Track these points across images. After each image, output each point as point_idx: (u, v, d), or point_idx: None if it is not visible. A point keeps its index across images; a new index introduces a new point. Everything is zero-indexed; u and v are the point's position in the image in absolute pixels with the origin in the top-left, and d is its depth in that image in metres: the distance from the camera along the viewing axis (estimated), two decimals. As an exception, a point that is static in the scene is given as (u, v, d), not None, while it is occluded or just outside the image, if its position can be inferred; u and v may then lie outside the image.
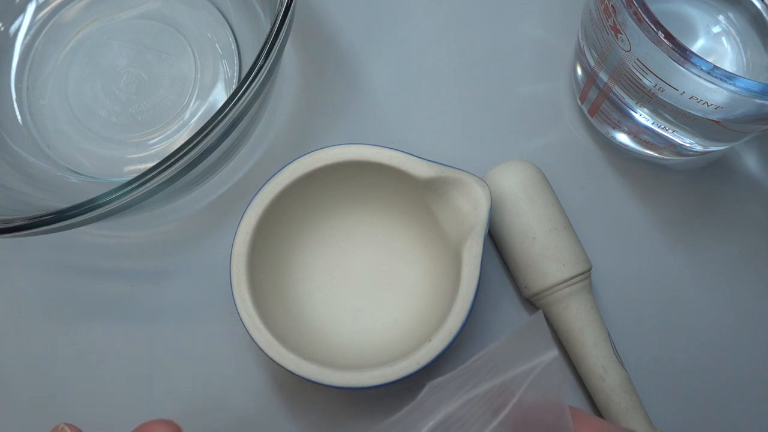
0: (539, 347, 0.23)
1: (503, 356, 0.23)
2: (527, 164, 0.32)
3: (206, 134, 0.26)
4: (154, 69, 0.36)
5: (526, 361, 0.23)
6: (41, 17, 0.37)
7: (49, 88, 0.36)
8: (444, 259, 0.31)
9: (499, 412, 0.22)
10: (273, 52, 0.27)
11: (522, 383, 0.23)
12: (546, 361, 0.23)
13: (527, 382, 0.23)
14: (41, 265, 0.35)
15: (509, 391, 0.23)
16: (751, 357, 0.33)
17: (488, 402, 0.23)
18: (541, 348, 0.23)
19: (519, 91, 0.36)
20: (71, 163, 0.35)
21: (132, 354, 0.34)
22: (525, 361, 0.23)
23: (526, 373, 0.23)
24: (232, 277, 0.29)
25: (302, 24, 0.37)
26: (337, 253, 0.33)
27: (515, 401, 0.22)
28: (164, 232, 0.35)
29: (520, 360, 0.23)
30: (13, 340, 0.34)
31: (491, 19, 0.37)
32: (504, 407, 0.22)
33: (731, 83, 0.23)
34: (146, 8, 0.37)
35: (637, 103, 0.29)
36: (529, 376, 0.23)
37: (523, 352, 0.23)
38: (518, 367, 0.23)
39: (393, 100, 0.36)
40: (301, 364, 0.28)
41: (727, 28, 0.31)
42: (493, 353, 0.24)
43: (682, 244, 0.34)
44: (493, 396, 0.23)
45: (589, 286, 0.32)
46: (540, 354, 0.23)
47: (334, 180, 0.31)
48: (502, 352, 0.23)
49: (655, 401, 0.32)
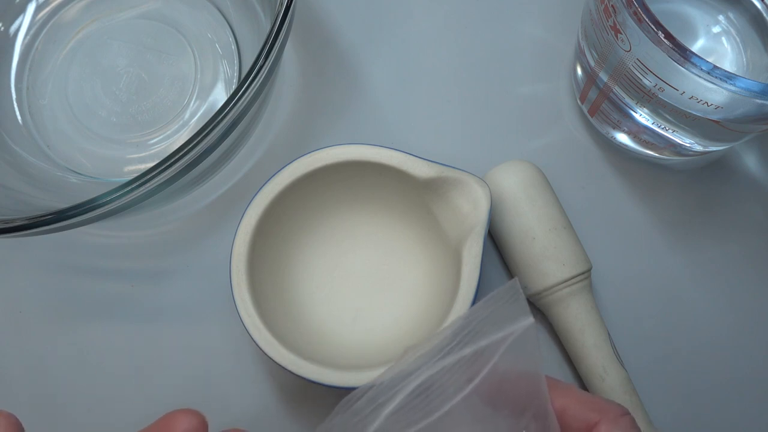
0: (515, 314, 0.23)
1: (480, 322, 0.23)
2: (527, 164, 0.32)
3: (206, 134, 0.26)
4: (154, 69, 0.36)
5: (502, 328, 0.23)
6: (41, 17, 0.37)
7: (49, 88, 0.36)
8: (444, 259, 0.31)
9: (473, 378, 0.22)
10: (273, 52, 0.27)
11: (497, 350, 0.22)
12: (521, 329, 0.23)
13: (502, 349, 0.22)
14: (41, 265, 0.35)
15: (484, 358, 0.22)
16: (751, 357, 0.33)
17: (464, 368, 0.22)
18: (517, 315, 0.23)
19: (519, 91, 0.36)
20: (71, 163, 0.35)
21: (132, 354, 0.34)
22: (501, 328, 0.23)
23: (502, 340, 0.22)
24: (232, 277, 0.29)
25: (302, 24, 0.37)
26: (337, 253, 0.33)
27: (489, 368, 0.22)
28: (164, 232, 0.35)
29: (497, 326, 0.23)
30: (13, 340, 0.34)
31: (491, 19, 0.37)
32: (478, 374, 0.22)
33: (731, 83, 0.23)
34: (146, 8, 0.37)
35: (637, 103, 0.29)
36: (504, 343, 0.22)
37: (500, 319, 0.23)
38: (494, 334, 0.23)
39: (393, 100, 0.36)
40: (301, 364, 0.28)
41: (727, 28, 0.31)
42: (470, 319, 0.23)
43: (682, 244, 0.34)
44: (468, 362, 0.22)
45: (589, 286, 0.32)
46: (516, 321, 0.23)
47: (334, 180, 0.31)
48: (480, 317, 0.23)
49: (655, 401, 0.32)
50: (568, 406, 0.23)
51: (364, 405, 0.23)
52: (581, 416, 0.23)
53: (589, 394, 0.24)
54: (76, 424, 0.33)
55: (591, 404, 0.23)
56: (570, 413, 0.23)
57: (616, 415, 0.23)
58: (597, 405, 0.23)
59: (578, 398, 0.23)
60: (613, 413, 0.23)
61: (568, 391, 0.24)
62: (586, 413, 0.23)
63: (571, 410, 0.23)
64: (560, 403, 0.23)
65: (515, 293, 0.23)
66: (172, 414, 0.23)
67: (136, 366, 0.34)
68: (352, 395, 0.23)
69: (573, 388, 0.24)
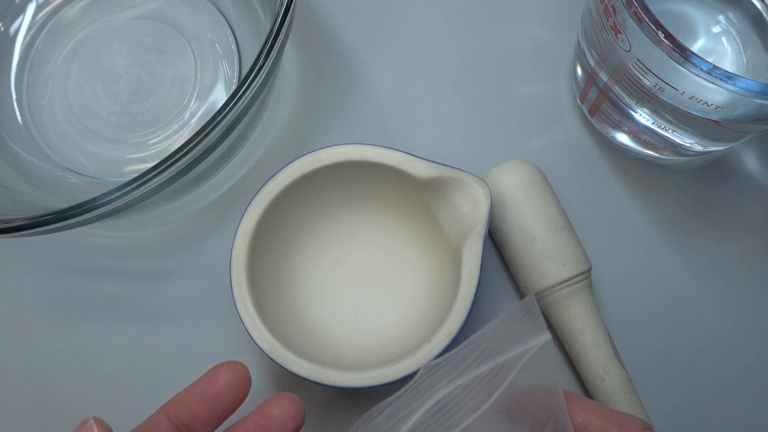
0: (532, 330, 0.23)
1: (497, 339, 0.23)
2: (527, 164, 0.32)
3: (206, 134, 0.26)
4: (154, 69, 0.36)
5: (519, 344, 0.23)
6: (41, 17, 0.37)
7: (49, 88, 0.36)
8: (444, 259, 0.31)
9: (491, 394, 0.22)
10: (273, 52, 0.27)
11: (515, 366, 0.23)
12: (538, 344, 0.23)
13: (520, 364, 0.23)
14: (41, 265, 0.35)
15: (502, 374, 0.23)
16: (750, 357, 0.33)
17: (481, 385, 0.23)
18: (533, 331, 0.23)
19: (519, 91, 0.36)
20: (71, 163, 0.35)
21: (132, 354, 0.34)
22: (518, 345, 0.23)
23: (519, 356, 0.23)
24: (232, 277, 0.29)
25: (302, 24, 0.37)
26: (337, 253, 0.33)
27: (508, 384, 0.22)
28: (164, 232, 0.35)
29: (513, 343, 0.23)
30: (13, 340, 0.34)
31: (491, 20, 0.37)
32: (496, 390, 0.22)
33: (731, 83, 0.23)
34: (146, 8, 0.37)
35: (637, 103, 0.29)
36: (521, 359, 0.23)
37: (516, 336, 0.23)
38: (511, 351, 0.23)
39: (393, 100, 0.36)
40: (301, 364, 0.28)
41: (727, 28, 0.31)
42: (486, 336, 0.24)
43: (681, 243, 0.34)
44: (486, 379, 0.23)
45: (589, 286, 0.32)
46: (533, 337, 0.23)
47: (334, 180, 0.31)
48: (496, 334, 0.24)
49: (655, 401, 0.32)
50: (590, 420, 0.23)
51: (383, 421, 0.23)
52: (604, 430, 0.23)
53: (609, 409, 0.24)
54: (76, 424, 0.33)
55: (613, 418, 0.23)
56: (593, 428, 0.23)
57: (639, 429, 0.23)
58: (619, 419, 0.23)
59: (600, 413, 0.24)
60: (636, 428, 0.23)
61: (589, 406, 0.24)
62: (609, 428, 0.23)
63: (593, 425, 0.23)
64: (582, 418, 0.24)
65: (531, 309, 0.23)
66: (216, 367, 0.25)
67: (135, 366, 0.34)
68: (373, 411, 0.23)
69: (593, 403, 0.24)
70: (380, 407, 0.23)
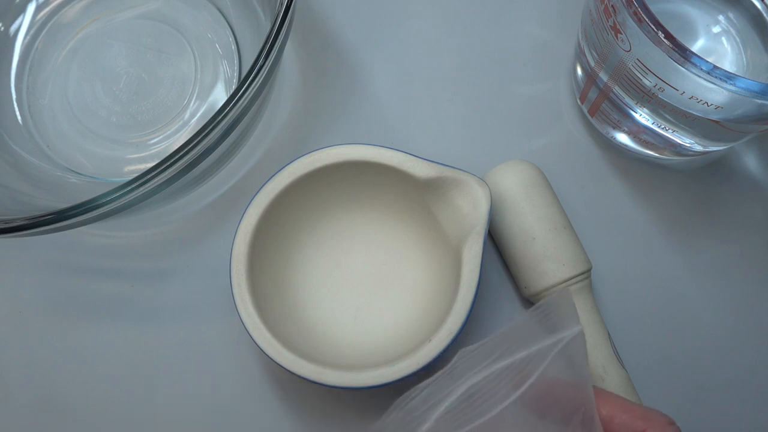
0: (565, 322, 0.23)
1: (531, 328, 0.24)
2: (527, 164, 0.32)
3: (206, 134, 0.26)
4: (154, 69, 0.36)
5: (551, 334, 0.23)
6: (41, 17, 0.37)
7: (49, 88, 0.36)
8: (444, 259, 0.31)
9: (521, 384, 0.23)
10: (273, 52, 0.27)
11: (546, 356, 0.23)
12: (570, 336, 0.23)
13: (551, 355, 0.23)
14: (41, 265, 0.35)
15: (534, 363, 0.23)
16: (750, 357, 0.33)
17: (513, 372, 0.23)
18: (566, 322, 0.23)
19: (519, 91, 0.36)
20: (71, 163, 0.35)
21: (132, 354, 0.34)
22: (550, 335, 0.23)
23: (551, 347, 0.23)
24: (232, 277, 0.29)
25: (302, 24, 0.37)
26: (337, 253, 0.33)
27: (538, 374, 0.23)
28: (164, 232, 0.35)
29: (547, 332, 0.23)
30: (13, 340, 0.34)
31: (491, 20, 0.37)
32: (527, 379, 0.23)
33: (731, 83, 0.23)
34: (146, 8, 0.37)
35: (637, 103, 0.29)
36: (553, 349, 0.23)
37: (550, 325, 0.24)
38: (543, 341, 0.23)
39: (393, 100, 0.36)
40: (301, 364, 0.28)
41: (727, 28, 0.31)
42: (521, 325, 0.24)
43: (681, 243, 0.34)
44: (518, 367, 0.23)
45: (589, 286, 0.32)
46: (565, 328, 0.23)
47: (334, 180, 0.31)
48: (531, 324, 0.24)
49: (655, 401, 0.32)
50: (614, 414, 0.24)
51: (418, 404, 0.24)
52: (628, 424, 0.24)
53: (633, 403, 0.25)
54: (76, 424, 0.33)
55: (637, 413, 0.24)
56: (617, 421, 0.24)
57: (662, 424, 0.23)
58: (643, 414, 0.24)
59: (624, 407, 0.24)
60: (659, 423, 0.23)
61: (614, 400, 0.24)
62: (634, 421, 0.24)
63: (618, 418, 0.24)
64: (607, 411, 0.24)
65: (566, 301, 0.24)
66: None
67: (135, 366, 0.34)
68: (409, 393, 0.24)
69: (618, 397, 0.25)
70: (416, 390, 0.24)
